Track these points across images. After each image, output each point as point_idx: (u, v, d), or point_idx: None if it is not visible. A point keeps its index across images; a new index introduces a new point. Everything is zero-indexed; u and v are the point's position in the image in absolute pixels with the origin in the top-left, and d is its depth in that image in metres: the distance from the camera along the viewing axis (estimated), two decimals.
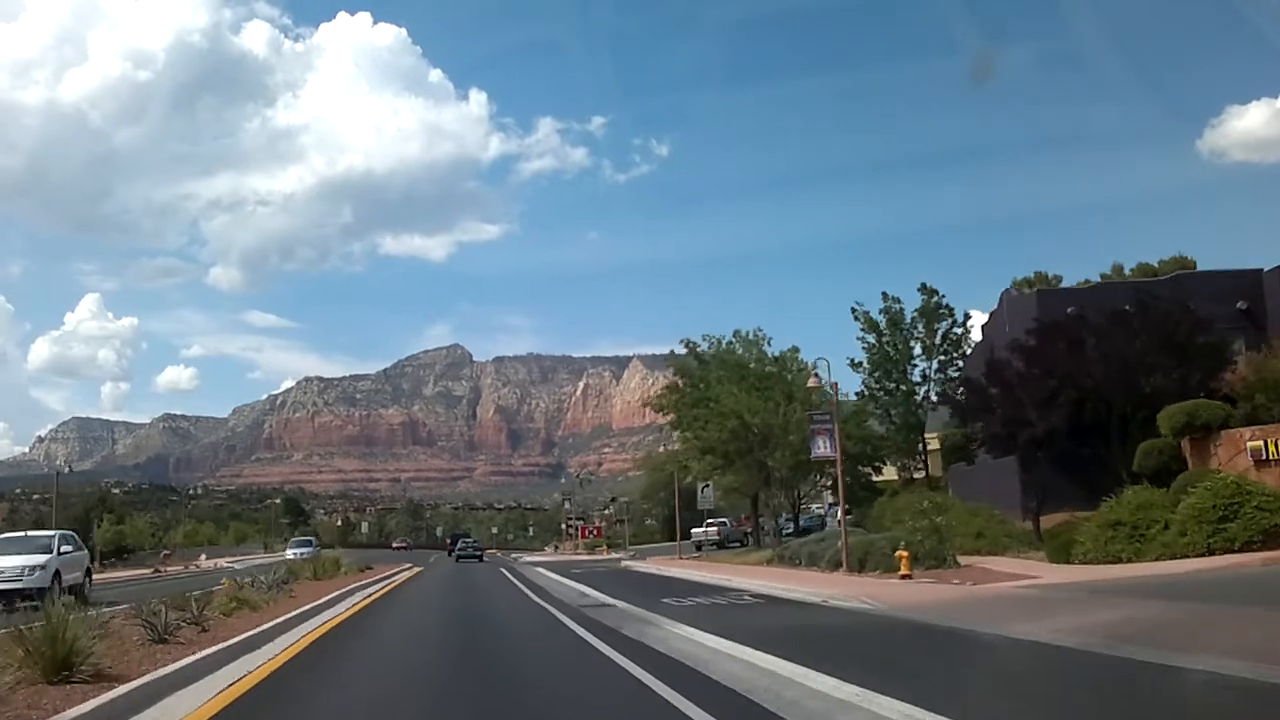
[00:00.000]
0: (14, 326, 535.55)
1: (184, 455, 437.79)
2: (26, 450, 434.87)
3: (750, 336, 43.99)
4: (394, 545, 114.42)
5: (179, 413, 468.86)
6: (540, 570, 41.63)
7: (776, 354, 42.95)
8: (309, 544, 58.07)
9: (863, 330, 40.41)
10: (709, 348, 44.76)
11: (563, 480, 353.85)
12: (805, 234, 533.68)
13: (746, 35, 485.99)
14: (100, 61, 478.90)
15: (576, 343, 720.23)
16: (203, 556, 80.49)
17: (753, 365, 41.19)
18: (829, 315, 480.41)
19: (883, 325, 40.20)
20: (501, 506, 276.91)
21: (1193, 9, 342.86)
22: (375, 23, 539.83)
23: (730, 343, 44.46)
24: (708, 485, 45.87)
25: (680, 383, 44.49)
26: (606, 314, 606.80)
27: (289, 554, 51.11)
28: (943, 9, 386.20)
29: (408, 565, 49.00)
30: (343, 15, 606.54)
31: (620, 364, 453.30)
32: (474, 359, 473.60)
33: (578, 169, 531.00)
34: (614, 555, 60.97)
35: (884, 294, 40.92)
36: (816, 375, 28.72)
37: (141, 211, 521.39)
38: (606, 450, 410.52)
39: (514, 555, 79.82)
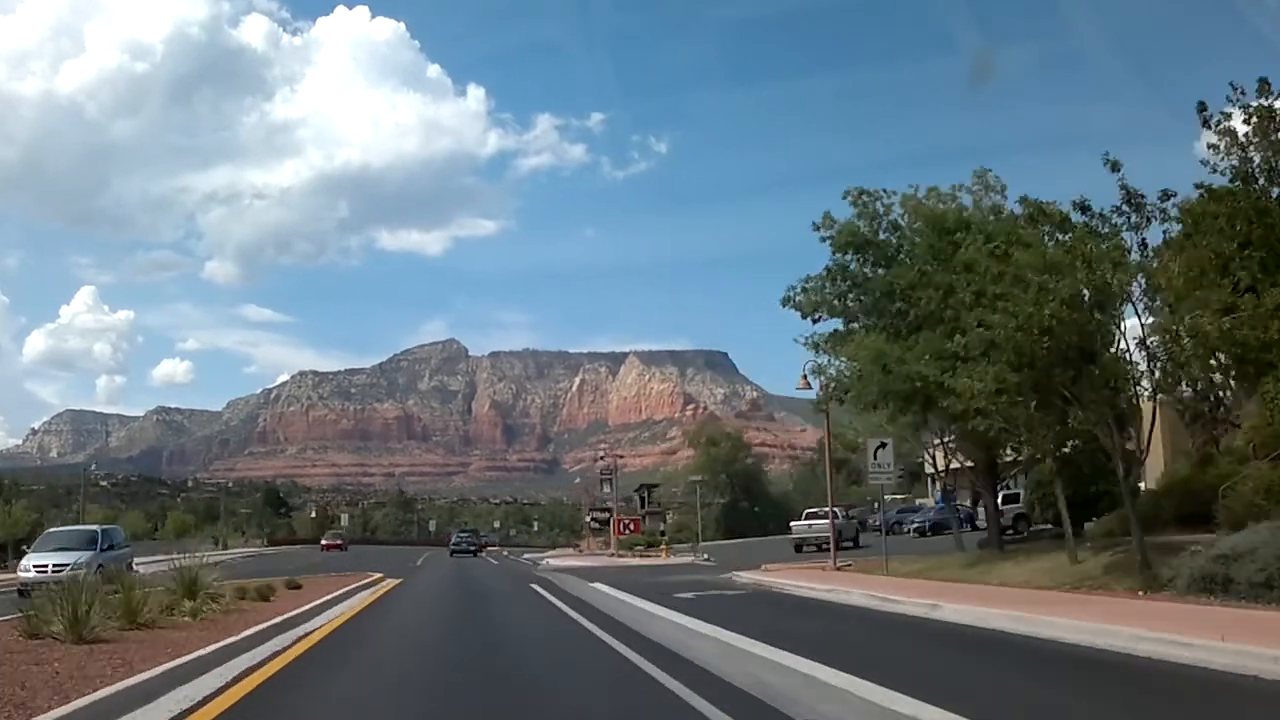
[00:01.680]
0: (9, 319, 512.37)
1: (177, 448, 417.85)
2: (20, 443, 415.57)
3: (969, 186, 23.85)
4: (322, 544, 73.32)
5: (173, 406, 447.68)
6: (606, 590, 21.47)
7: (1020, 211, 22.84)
8: (91, 546, 25.20)
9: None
10: (886, 205, 24.53)
11: (590, 475, 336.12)
12: (804, 233, 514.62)
13: (746, 35, 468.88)
14: (97, 53, 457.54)
15: (573, 338, 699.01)
16: None
17: (1001, 233, 20.77)
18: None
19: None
20: (498, 501, 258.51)
21: (1189, 8, 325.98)
22: (373, 17, 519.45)
23: (922, 200, 24.31)
24: (884, 445, 25.49)
25: (851, 264, 24.09)
26: (603, 310, 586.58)
27: (28, 570, 23.88)
28: (942, 10, 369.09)
29: (373, 577, 28.24)
30: (341, 9, 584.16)
31: (616, 360, 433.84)
32: (470, 354, 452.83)
33: (576, 165, 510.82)
34: (680, 560, 40.66)
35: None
36: None
37: (137, 205, 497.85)
38: (603, 446, 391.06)
39: (529, 557, 58.87)
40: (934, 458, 29.62)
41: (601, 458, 68.56)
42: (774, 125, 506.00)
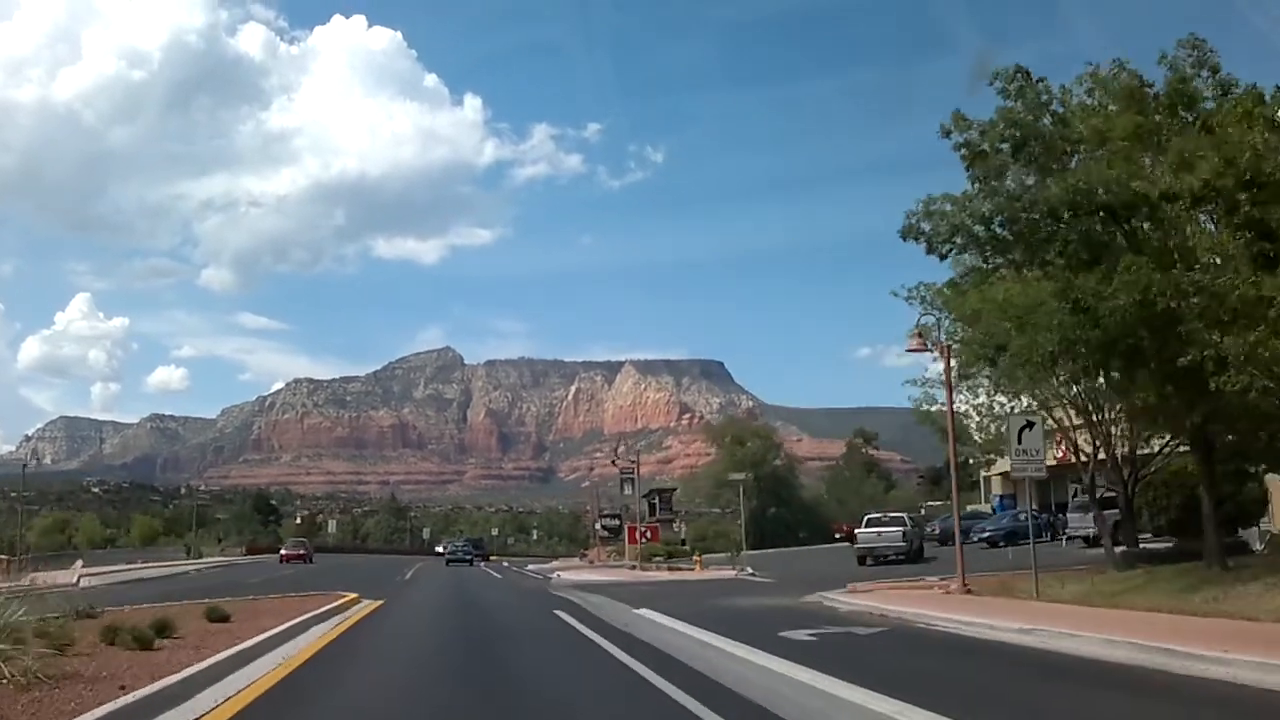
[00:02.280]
0: (4, 325, 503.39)
1: (171, 456, 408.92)
2: (14, 449, 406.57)
3: (1170, 58, 16.86)
4: (281, 554, 59.00)
5: (167, 413, 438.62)
6: (667, 623, 14.43)
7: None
8: None
9: None
10: (1049, 94, 17.57)
11: (593, 480, 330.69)
12: (799, 237, 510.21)
13: (744, 37, 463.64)
14: (95, 60, 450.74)
15: (568, 347, 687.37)
16: (77, 565, 52.31)
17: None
18: (825, 318, 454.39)
19: None
20: (493, 509, 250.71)
21: (1188, 8, 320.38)
22: (370, 26, 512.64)
23: (1086, 89, 17.40)
24: (1030, 426, 18.45)
25: (1014, 166, 16.96)
26: (599, 319, 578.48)
27: None
28: (941, 11, 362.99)
29: (341, 599, 20.71)
30: (338, 18, 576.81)
31: (612, 369, 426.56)
32: (465, 362, 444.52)
33: (572, 175, 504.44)
34: (720, 574, 33.48)
35: None
36: None
37: (134, 212, 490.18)
38: (598, 455, 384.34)
39: (534, 568, 51.35)
40: (1075, 446, 22.64)
41: (614, 461, 61.40)
42: (773, 128, 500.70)
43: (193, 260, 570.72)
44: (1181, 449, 22.55)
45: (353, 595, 22.00)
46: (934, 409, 24.78)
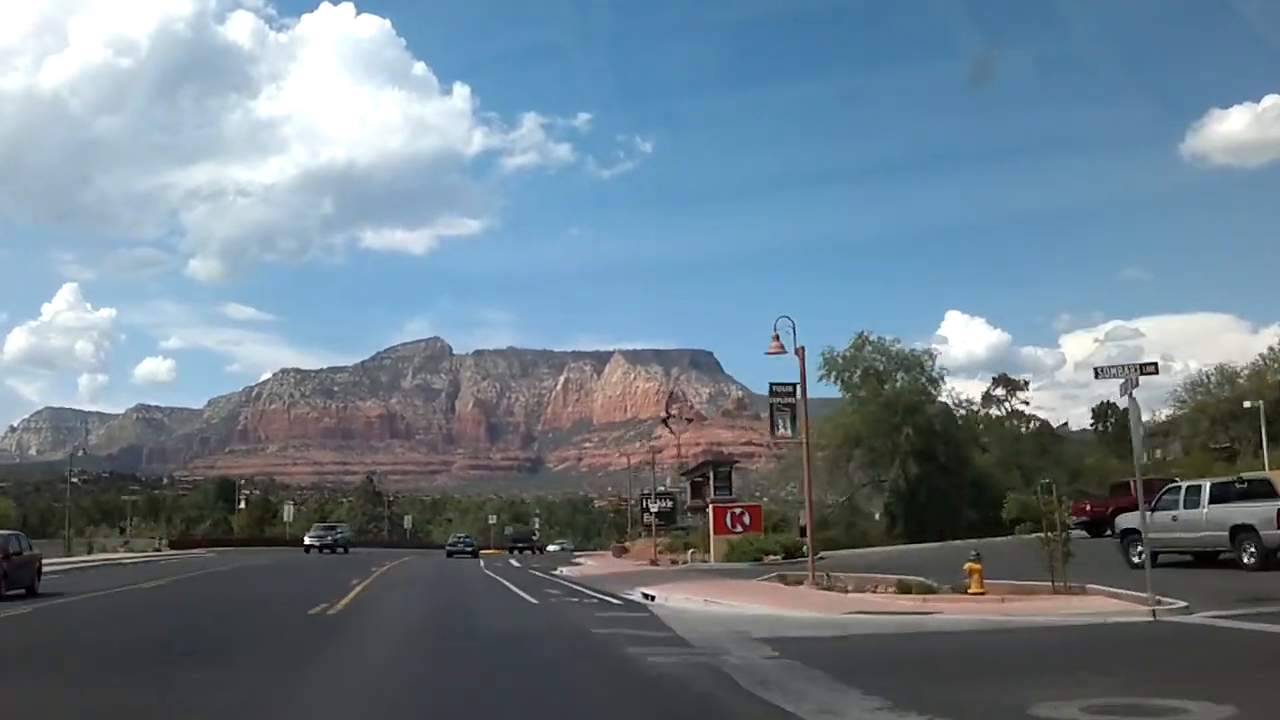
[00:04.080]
0: None
1: (157, 446, 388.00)
2: None
3: None
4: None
5: (154, 404, 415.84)
6: None
7: None
8: None
9: None
10: None
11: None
12: (792, 236, 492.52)
13: (739, 38, 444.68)
14: (81, 48, 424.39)
15: (557, 337, 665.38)
16: None
17: None
18: (815, 319, 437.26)
19: None
20: (483, 499, 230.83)
21: (1186, 10, 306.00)
22: (358, 14, 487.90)
23: None
24: None
25: None
26: (588, 309, 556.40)
27: None
28: (939, 13, 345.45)
29: None
30: (326, 6, 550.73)
31: (601, 359, 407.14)
32: (453, 352, 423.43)
33: (561, 164, 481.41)
34: (1082, 603, 13.20)
35: None
36: None
37: (120, 201, 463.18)
38: (587, 445, 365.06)
39: (568, 574, 30.37)
40: None
41: (671, 420, 40.71)
42: (762, 127, 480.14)
43: (180, 250, 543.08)
44: None
45: None
46: None
